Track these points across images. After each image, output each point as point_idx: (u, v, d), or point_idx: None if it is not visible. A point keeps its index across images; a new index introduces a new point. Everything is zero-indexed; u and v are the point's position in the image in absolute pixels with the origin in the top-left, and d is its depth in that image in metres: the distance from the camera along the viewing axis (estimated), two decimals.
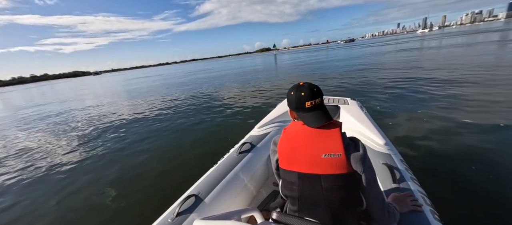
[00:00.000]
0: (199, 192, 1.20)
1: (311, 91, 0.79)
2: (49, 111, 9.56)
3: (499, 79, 5.24)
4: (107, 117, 6.79)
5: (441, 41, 22.60)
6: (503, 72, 5.89)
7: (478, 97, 4.22)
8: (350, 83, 7.16)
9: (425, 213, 0.96)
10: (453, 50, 12.53)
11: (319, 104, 0.79)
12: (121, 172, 3.11)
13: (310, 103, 0.78)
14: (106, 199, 2.47)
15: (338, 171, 0.74)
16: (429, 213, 0.97)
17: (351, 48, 37.05)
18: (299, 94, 0.80)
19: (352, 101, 2.23)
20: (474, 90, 4.65)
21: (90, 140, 4.72)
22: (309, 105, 0.78)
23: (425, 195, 1.10)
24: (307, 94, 0.79)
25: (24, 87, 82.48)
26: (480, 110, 3.58)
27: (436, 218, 0.95)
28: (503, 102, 3.78)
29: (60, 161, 3.76)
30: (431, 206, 1.04)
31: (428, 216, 0.95)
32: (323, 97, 0.83)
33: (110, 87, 20.54)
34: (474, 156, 2.40)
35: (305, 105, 0.79)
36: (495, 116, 3.28)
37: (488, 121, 3.15)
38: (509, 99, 3.90)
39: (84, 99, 12.96)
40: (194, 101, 7.63)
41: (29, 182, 3.12)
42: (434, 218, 0.94)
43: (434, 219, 0.94)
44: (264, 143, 1.71)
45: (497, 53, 9.42)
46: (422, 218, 0.94)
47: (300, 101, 0.80)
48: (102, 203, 2.42)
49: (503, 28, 35.23)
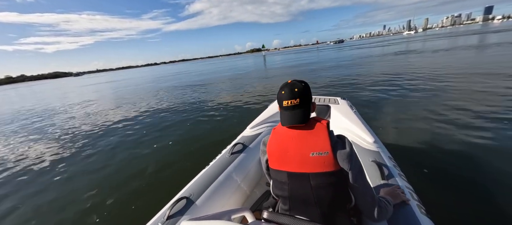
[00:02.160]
0: (190, 194, 1.18)
1: (291, 91, 0.79)
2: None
3: (481, 80, 5.51)
4: (96, 121, 6.55)
5: (427, 43, 23.17)
6: (484, 71, 6.22)
7: (462, 96, 4.41)
8: (341, 84, 7.30)
9: (412, 208, 1.00)
10: (441, 53, 13.04)
11: (296, 105, 0.79)
12: (111, 175, 3.01)
13: (287, 102, 0.79)
14: (95, 203, 2.39)
15: (326, 169, 0.75)
16: (416, 207, 1.00)
17: (341, 49, 37.74)
18: (280, 92, 0.82)
19: (342, 101, 2.27)
20: (458, 90, 4.86)
21: (81, 143, 4.53)
22: (286, 104, 0.79)
23: (412, 190, 1.14)
24: (286, 93, 0.80)
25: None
26: (463, 109, 3.72)
27: (423, 212, 0.99)
28: (484, 100, 3.98)
29: (48, 163, 3.59)
30: (418, 201, 1.08)
31: (415, 210, 0.98)
32: (308, 98, 0.82)
33: (84, 91, 19.76)
34: (457, 152, 2.51)
35: (282, 103, 0.81)
36: (477, 114, 3.43)
37: (470, 119, 3.30)
38: (490, 97, 4.12)
39: (52, 102, 12.44)
40: (183, 103, 7.48)
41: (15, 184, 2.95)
42: (420, 212, 0.98)
43: (421, 213, 0.98)
44: (256, 143, 1.72)
45: (478, 55, 9.92)
46: (410, 212, 0.97)
47: (280, 99, 0.82)
48: (91, 207, 2.33)
49: (481, 31, 37.22)
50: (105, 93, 14.40)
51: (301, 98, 0.79)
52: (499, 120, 3.12)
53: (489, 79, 5.34)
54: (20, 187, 2.96)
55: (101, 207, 2.32)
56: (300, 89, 0.80)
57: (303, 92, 0.80)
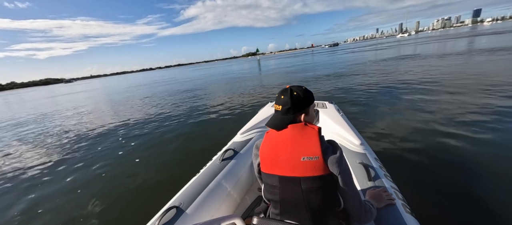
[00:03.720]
0: (180, 203, 1.16)
1: (280, 97, 0.88)
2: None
3: (466, 83, 5.68)
4: (82, 128, 6.42)
5: (423, 46, 22.87)
6: (469, 75, 6.40)
7: (444, 97, 4.59)
8: (335, 88, 7.39)
9: (397, 207, 1.03)
10: (451, 58, 13.16)
11: (283, 111, 0.86)
12: (97, 186, 2.91)
13: (276, 106, 0.88)
14: (82, 216, 2.32)
15: (316, 173, 0.77)
16: (401, 206, 1.04)
17: (335, 53, 38.10)
18: (276, 96, 0.91)
19: (330, 105, 2.31)
20: (441, 93, 5.01)
21: (63, 152, 4.42)
22: (276, 108, 0.88)
23: (397, 190, 1.18)
24: (278, 98, 0.89)
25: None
26: (445, 109, 3.90)
27: (408, 211, 1.03)
28: (465, 102, 4.13)
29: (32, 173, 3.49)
30: (403, 200, 1.11)
31: (400, 209, 1.02)
32: (301, 105, 0.85)
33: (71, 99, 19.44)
34: (440, 152, 2.64)
35: (274, 107, 0.90)
36: (459, 115, 3.60)
37: (452, 119, 3.46)
38: (470, 99, 4.28)
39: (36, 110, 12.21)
40: (172, 109, 7.35)
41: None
42: (405, 211, 1.01)
43: (405, 212, 1.01)
44: (247, 149, 1.70)
45: (467, 59, 10.14)
46: (395, 211, 1.01)
47: (275, 102, 0.91)
48: (77, 221, 2.26)
49: (471, 34, 38.10)
50: (88, 101, 14.06)
51: (289, 107, 0.84)
52: (477, 121, 3.29)
53: (479, 83, 5.49)
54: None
55: (87, 219, 2.25)
56: (292, 97, 0.85)
57: (294, 100, 0.84)
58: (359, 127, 2.71)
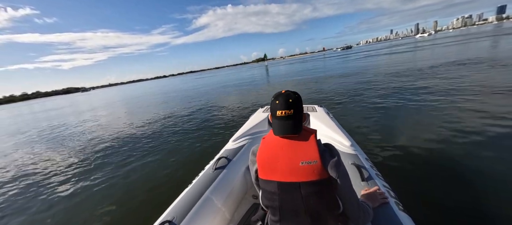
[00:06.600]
0: (173, 216, 1.14)
1: (286, 101, 0.81)
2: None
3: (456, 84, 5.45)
4: (75, 139, 6.50)
5: (460, 47, 18.98)
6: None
7: (435, 98, 4.71)
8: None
9: (391, 205, 1.05)
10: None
11: (290, 115, 0.80)
12: (88, 200, 2.83)
13: (281, 112, 0.81)
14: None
15: (315, 177, 0.76)
16: (394, 204, 1.06)
17: (348, 56, 36.14)
18: (275, 102, 0.84)
19: (320, 108, 2.37)
20: (434, 94, 5.04)
21: (56, 168, 4.25)
22: (280, 114, 0.81)
23: (390, 188, 1.21)
24: (280, 103, 0.82)
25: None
26: (435, 110, 3.97)
27: (400, 209, 1.05)
28: (457, 104, 4.15)
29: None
30: (396, 198, 1.14)
31: (393, 207, 1.04)
32: (301, 108, 0.83)
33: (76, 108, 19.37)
34: (429, 150, 2.70)
35: (276, 113, 0.82)
36: (449, 116, 3.65)
37: (441, 120, 3.50)
38: (455, 100, 4.33)
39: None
40: (166, 119, 7.36)
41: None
42: (398, 209, 1.04)
43: (398, 210, 1.03)
44: (240, 156, 1.70)
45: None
46: (389, 210, 1.02)
47: (274, 109, 0.83)
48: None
49: (496, 33, 34.22)
50: (94, 112, 13.84)
51: (294, 109, 0.81)
52: (463, 118, 3.37)
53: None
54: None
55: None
56: (294, 99, 0.81)
57: (296, 103, 0.81)
58: (349, 129, 2.56)
